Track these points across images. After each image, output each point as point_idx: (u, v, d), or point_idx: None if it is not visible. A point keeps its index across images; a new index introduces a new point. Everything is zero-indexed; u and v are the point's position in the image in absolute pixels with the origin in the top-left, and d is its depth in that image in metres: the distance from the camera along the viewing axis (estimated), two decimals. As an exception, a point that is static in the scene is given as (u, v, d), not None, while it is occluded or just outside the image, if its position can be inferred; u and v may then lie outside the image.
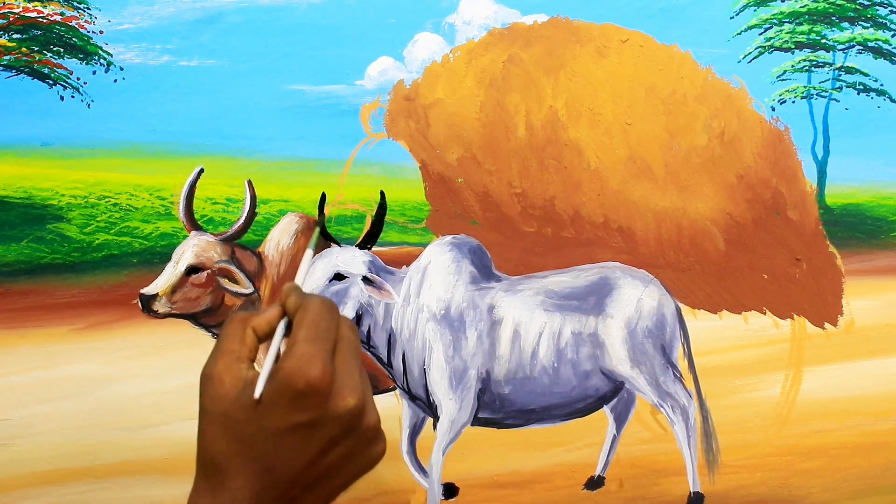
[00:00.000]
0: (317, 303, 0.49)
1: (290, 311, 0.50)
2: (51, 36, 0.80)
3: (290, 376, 0.45)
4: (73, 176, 0.81)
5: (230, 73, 0.82)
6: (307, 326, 0.47)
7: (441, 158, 0.85)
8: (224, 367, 0.48)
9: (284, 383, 0.45)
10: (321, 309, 0.49)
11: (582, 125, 0.86)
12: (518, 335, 0.85)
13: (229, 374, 0.47)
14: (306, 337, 0.47)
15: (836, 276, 0.91)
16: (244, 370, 0.48)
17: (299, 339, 0.47)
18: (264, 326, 0.50)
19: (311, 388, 0.45)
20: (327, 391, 0.46)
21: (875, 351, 0.92)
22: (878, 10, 0.90)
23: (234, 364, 0.48)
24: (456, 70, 0.85)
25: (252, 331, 0.50)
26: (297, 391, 0.45)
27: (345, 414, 0.47)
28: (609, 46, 0.86)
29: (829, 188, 0.90)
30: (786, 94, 0.89)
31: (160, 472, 0.83)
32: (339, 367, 0.47)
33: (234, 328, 0.50)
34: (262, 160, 0.83)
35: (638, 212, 0.88)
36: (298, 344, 0.46)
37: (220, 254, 0.82)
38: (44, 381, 0.82)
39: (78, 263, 0.81)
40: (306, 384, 0.45)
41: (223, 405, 0.47)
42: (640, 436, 0.90)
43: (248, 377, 0.47)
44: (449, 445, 0.86)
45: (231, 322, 0.50)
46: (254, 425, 0.46)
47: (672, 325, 0.88)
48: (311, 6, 0.82)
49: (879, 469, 0.93)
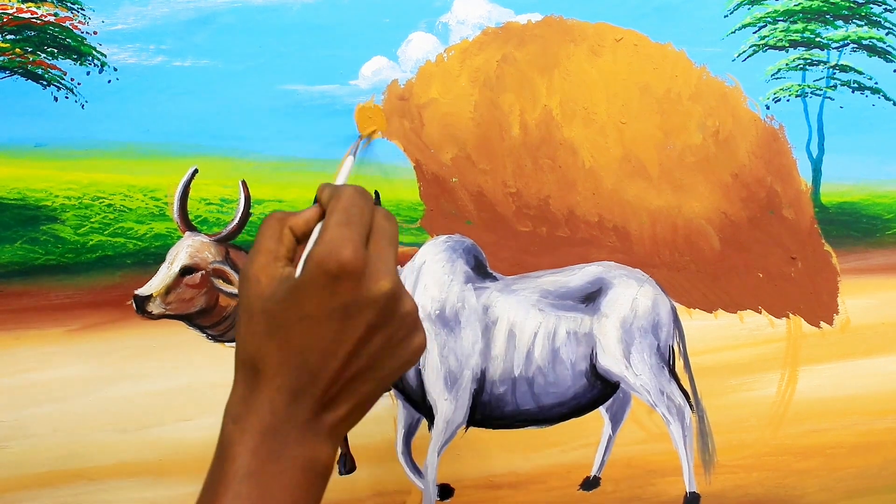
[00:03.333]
0: (349, 190, 0.48)
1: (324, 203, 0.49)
2: (44, 37, 0.80)
3: (322, 260, 0.45)
4: (66, 177, 0.81)
5: (224, 74, 0.82)
6: (339, 212, 0.47)
7: (435, 158, 0.85)
8: (261, 267, 0.47)
9: (317, 268, 0.45)
10: (353, 195, 0.48)
11: (576, 124, 0.86)
12: (513, 335, 0.85)
13: (266, 274, 0.47)
14: (337, 222, 0.46)
15: (831, 275, 0.91)
16: (281, 268, 0.47)
17: (331, 224, 0.46)
18: (302, 226, 0.50)
19: (344, 270, 0.44)
20: (360, 274, 0.45)
21: (871, 350, 0.92)
22: (872, 7, 0.90)
23: (272, 263, 0.47)
24: (450, 69, 0.85)
25: (289, 230, 0.49)
26: (329, 274, 0.44)
27: (380, 298, 0.46)
28: (603, 45, 0.86)
29: (824, 187, 0.90)
30: (780, 93, 0.89)
31: (155, 474, 0.83)
32: (372, 253, 0.47)
33: (271, 227, 0.49)
34: (256, 160, 0.83)
35: (633, 211, 0.88)
36: (329, 229, 0.46)
37: (214, 254, 0.82)
38: (38, 383, 0.82)
39: (72, 264, 0.81)
40: (338, 266, 0.44)
41: (260, 303, 0.47)
42: (636, 436, 0.89)
43: (286, 275, 0.47)
44: (444, 446, 0.86)
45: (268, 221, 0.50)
46: (291, 317, 0.46)
47: (667, 324, 0.88)
48: (304, 6, 0.82)
49: (876, 468, 0.93)
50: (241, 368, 0.48)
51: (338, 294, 0.45)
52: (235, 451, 0.46)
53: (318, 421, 0.47)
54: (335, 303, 0.45)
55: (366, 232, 0.47)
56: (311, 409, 0.47)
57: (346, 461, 0.86)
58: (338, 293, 0.45)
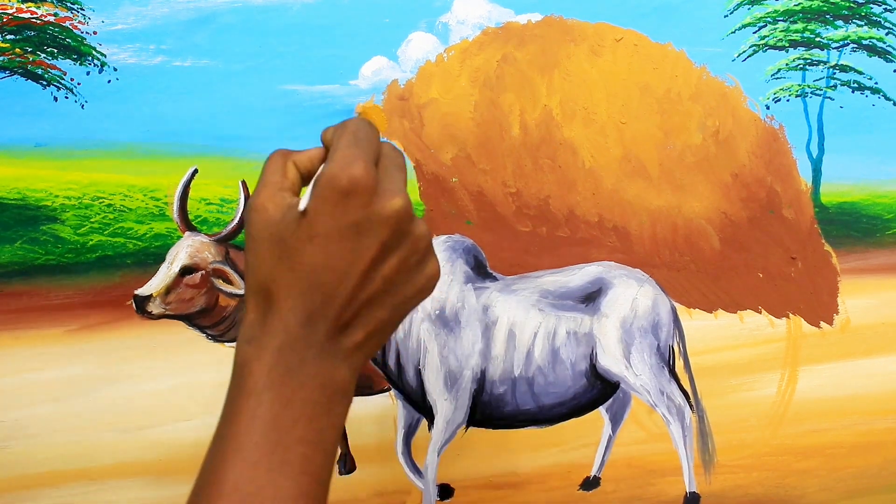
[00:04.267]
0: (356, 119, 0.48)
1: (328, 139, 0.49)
2: (44, 37, 0.80)
3: (332, 177, 0.44)
4: (66, 177, 0.81)
5: (224, 74, 0.82)
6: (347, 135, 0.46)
7: (435, 158, 0.85)
8: (267, 197, 0.46)
9: (327, 185, 0.44)
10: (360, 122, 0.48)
11: (576, 124, 0.86)
12: (513, 335, 0.85)
13: (272, 202, 0.46)
14: (347, 143, 0.46)
15: (831, 275, 0.91)
16: (287, 197, 0.46)
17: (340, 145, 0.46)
18: (306, 163, 0.49)
19: (355, 184, 0.44)
20: (371, 189, 0.45)
21: (871, 350, 0.92)
22: (872, 7, 0.90)
23: (277, 193, 0.46)
24: (450, 69, 0.85)
25: (293, 164, 0.49)
26: (340, 190, 0.44)
27: (392, 215, 0.45)
28: (603, 45, 0.86)
29: (824, 186, 0.90)
30: (780, 93, 0.89)
31: (155, 474, 0.83)
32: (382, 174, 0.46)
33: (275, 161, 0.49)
34: (256, 160, 0.82)
35: (633, 211, 0.88)
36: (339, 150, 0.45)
37: (214, 254, 0.82)
38: (37, 383, 0.82)
39: (72, 265, 0.81)
40: (349, 181, 0.44)
41: (269, 229, 0.46)
42: (636, 436, 0.89)
43: (292, 203, 0.46)
44: (444, 446, 0.86)
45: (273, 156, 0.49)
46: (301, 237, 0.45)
47: (667, 324, 0.88)
48: (304, 6, 0.82)
49: (876, 468, 0.93)
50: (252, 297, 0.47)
51: (349, 211, 0.44)
52: (252, 367, 0.46)
53: (334, 343, 0.47)
54: (347, 220, 0.44)
55: (374, 155, 0.46)
56: (326, 332, 0.46)
57: (346, 461, 0.86)
58: (349, 210, 0.44)
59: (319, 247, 0.45)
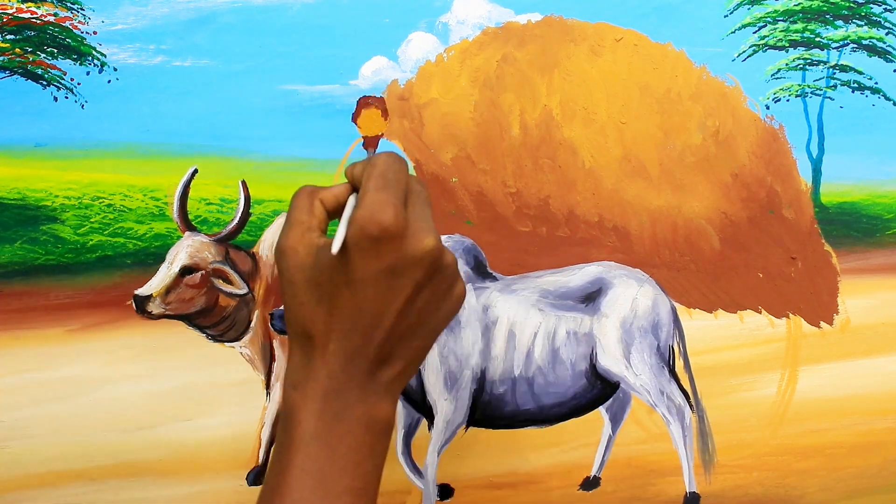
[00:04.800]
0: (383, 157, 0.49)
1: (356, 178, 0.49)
2: (44, 37, 0.80)
3: (363, 225, 0.45)
4: (66, 177, 0.81)
5: (224, 74, 0.82)
6: (375, 178, 0.47)
7: (435, 158, 0.85)
8: (296, 239, 0.48)
9: (359, 232, 0.45)
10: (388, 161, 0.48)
11: (576, 124, 0.86)
12: (513, 335, 0.85)
13: (302, 244, 0.47)
14: (375, 187, 0.46)
15: (831, 275, 0.91)
16: (316, 238, 0.48)
17: (369, 188, 0.46)
18: (332, 200, 0.50)
19: (386, 231, 0.45)
20: (402, 234, 0.46)
21: (871, 350, 0.92)
22: (872, 7, 0.90)
23: (306, 234, 0.48)
24: (450, 69, 0.85)
25: (320, 202, 0.50)
26: (372, 238, 0.45)
27: (425, 256, 0.46)
28: (603, 45, 0.86)
29: (824, 186, 0.90)
30: (780, 93, 0.89)
31: (155, 474, 0.83)
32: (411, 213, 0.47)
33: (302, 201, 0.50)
34: (256, 160, 0.83)
35: (633, 211, 0.88)
36: (368, 193, 0.46)
37: (214, 254, 0.82)
38: (38, 383, 0.82)
39: (72, 265, 0.81)
40: (380, 229, 0.45)
41: (303, 273, 0.47)
42: (636, 436, 0.89)
43: (321, 244, 0.47)
44: (444, 446, 0.86)
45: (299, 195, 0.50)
46: (337, 283, 0.46)
47: (667, 324, 0.88)
48: (304, 6, 0.82)
49: (876, 468, 0.93)
50: (294, 339, 0.49)
51: (383, 256, 0.45)
52: (300, 416, 0.48)
53: (374, 379, 0.48)
54: (381, 265, 0.46)
55: (403, 194, 0.47)
56: (366, 370, 0.48)
57: (346, 461, 0.86)
58: (383, 255, 0.45)
59: (357, 291, 0.46)
